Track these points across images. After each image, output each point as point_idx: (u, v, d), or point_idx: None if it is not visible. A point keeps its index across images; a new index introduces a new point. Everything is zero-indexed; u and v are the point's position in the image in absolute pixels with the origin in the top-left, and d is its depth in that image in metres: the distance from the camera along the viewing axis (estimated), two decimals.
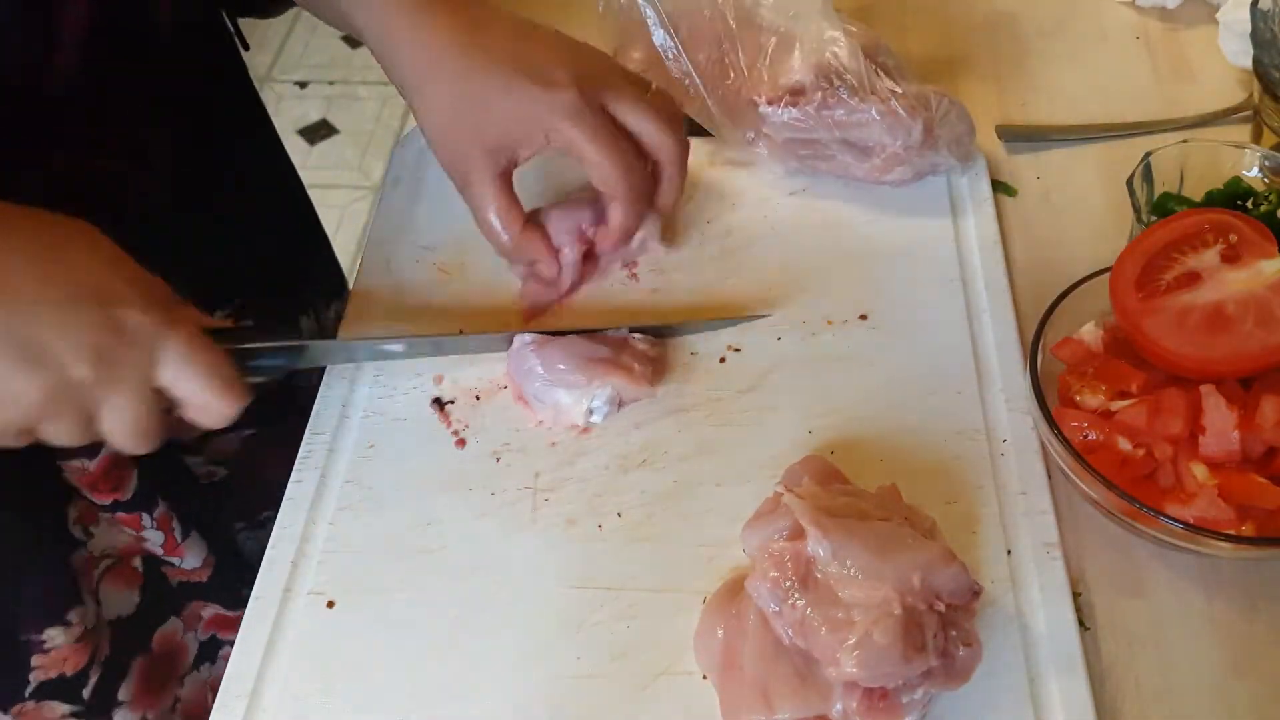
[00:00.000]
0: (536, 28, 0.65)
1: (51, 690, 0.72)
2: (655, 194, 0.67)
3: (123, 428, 0.51)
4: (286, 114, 2.38)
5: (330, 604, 0.57)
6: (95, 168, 0.64)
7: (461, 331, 0.67)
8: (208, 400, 0.53)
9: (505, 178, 0.64)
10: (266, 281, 0.79)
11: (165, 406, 0.53)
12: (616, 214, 0.65)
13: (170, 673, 0.80)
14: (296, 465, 0.62)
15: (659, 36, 0.74)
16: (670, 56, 0.74)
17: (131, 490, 0.71)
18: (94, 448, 0.66)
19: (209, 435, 0.78)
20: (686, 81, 0.77)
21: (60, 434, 0.50)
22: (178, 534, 0.76)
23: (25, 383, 0.48)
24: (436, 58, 0.63)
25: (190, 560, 0.78)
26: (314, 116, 2.37)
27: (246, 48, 0.77)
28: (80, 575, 0.72)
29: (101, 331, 0.49)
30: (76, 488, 0.70)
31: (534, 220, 0.67)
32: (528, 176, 0.70)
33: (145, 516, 0.73)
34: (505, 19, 0.65)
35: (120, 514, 0.72)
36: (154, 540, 0.75)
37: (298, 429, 0.64)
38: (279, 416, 0.70)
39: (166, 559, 0.77)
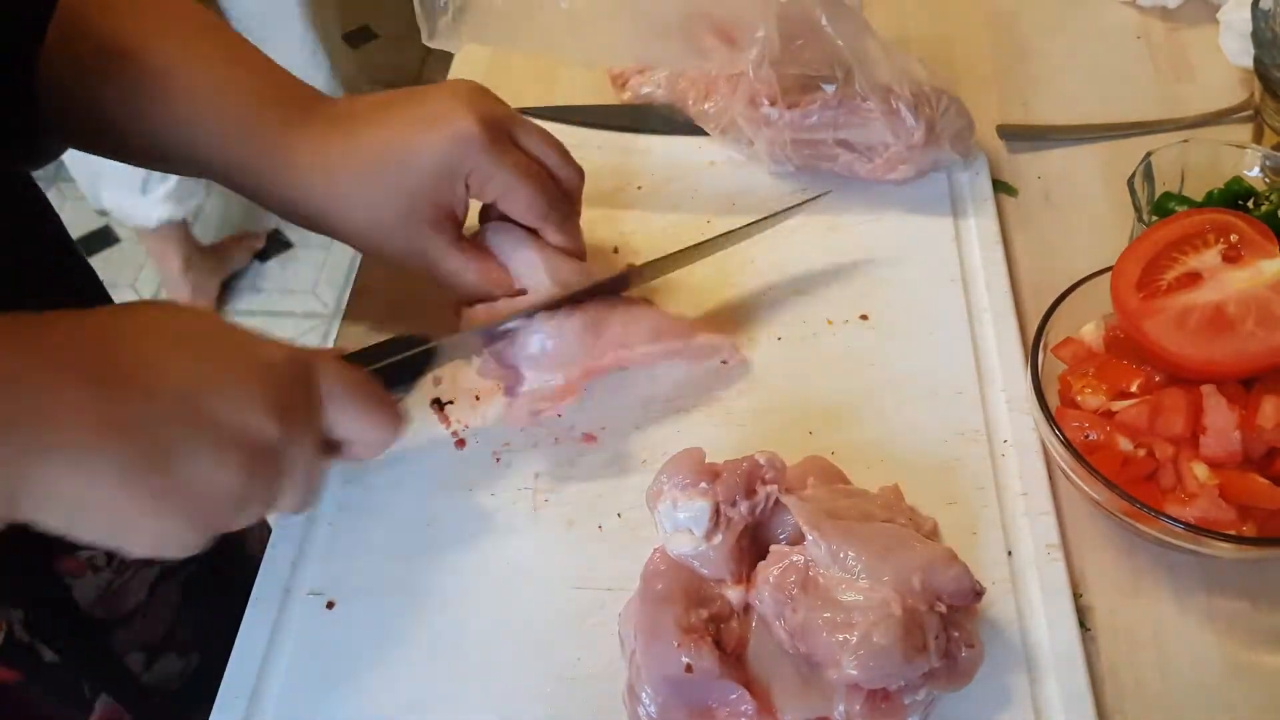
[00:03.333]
0: (411, 90, 0.62)
1: None
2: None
3: (304, 486, 0.48)
4: None
5: (330, 604, 0.57)
6: None
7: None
8: (372, 431, 0.51)
9: (459, 240, 0.62)
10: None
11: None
12: (554, 235, 0.63)
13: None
14: None
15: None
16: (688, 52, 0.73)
17: None
18: (82, 713, 0.62)
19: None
20: (684, 83, 0.77)
21: (248, 518, 0.46)
22: None
23: (224, 470, 0.44)
24: (321, 169, 0.59)
25: None
26: None
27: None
28: None
29: (269, 385, 0.46)
30: None
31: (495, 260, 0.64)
32: None
33: None
34: (369, 99, 0.62)
35: None
36: None
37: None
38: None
39: None
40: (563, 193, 0.63)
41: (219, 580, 0.70)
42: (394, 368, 0.57)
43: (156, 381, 0.43)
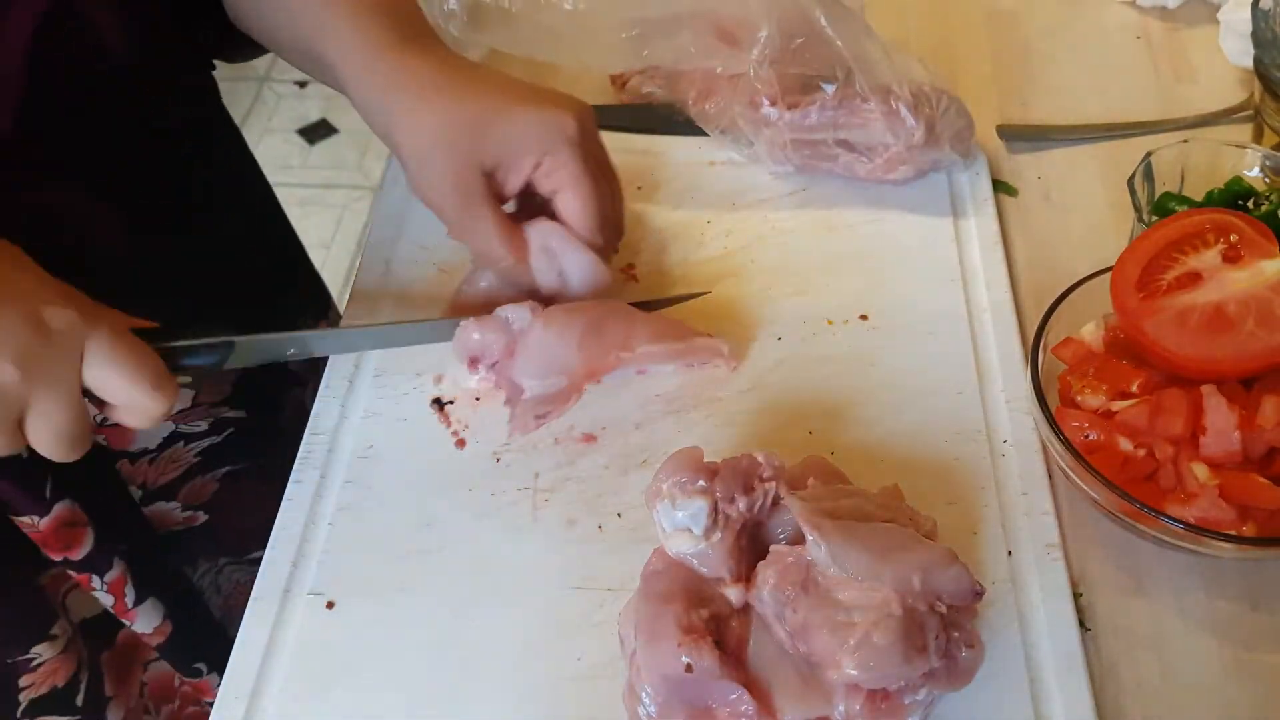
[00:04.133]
0: (525, 82, 0.64)
1: (45, 705, 0.71)
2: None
3: (50, 432, 0.50)
4: (286, 114, 2.38)
5: (330, 604, 0.57)
6: (46, 201, 0.62)
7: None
8: (135, 397, 0.52)
9: (499, 204, 0.63)
10: (245, 310, 0.73)
11: (93, 414, 0.51)
12: (574, 259, 0.64)
13: (134, 659, 0.79)
14: (296, 465, 0.62)
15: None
16: (690, 53, 0.73)
17: (84, 550, 0.68)
18: (43, 505, 0.64)
19: (187, 478, 0.76)
20: (684, 84, 0.77)
21: None
22: (130, 599, 0.72)
23: None
24: (426, 83, 0.61)
25: (142, 625, 0.75)
26: (314, 116, 2.37)
27: (213, 67, 0.75)
28: (51, 592, 0.71)
29: (25, 330, 0.48)
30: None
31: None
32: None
33: (96, 579, 0.70)
34: (484, 69, 0.64)
35: (70, 571, 0.69)
36: (105, 602, 0.72)
37: (282, 463, 0.63)
38: (258, 451, 0.67)
39: (119, 621, 0.75)
40: (611, 222, 0.65)
41: (238, 454, 0.75)
42: (187, 350, 0.56)
43: None
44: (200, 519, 0.78)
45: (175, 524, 0.78)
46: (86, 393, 0.51)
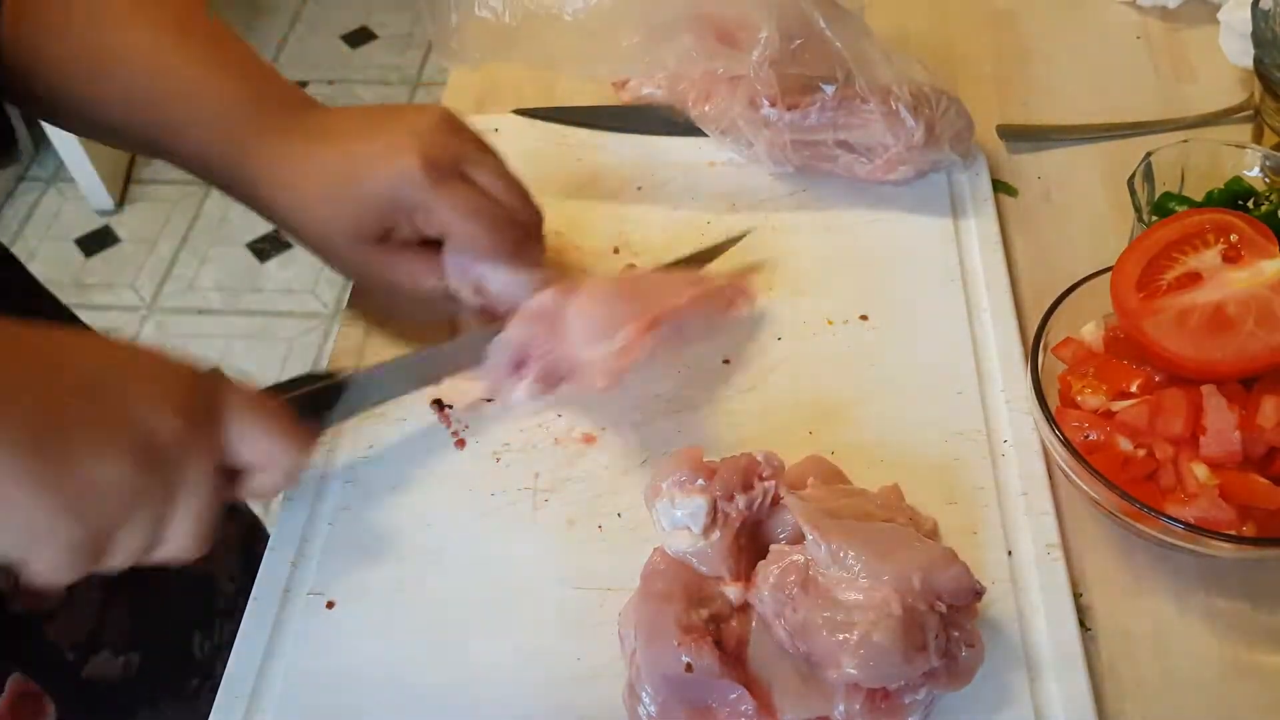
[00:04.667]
0: (387, 110, 0.62)
1: None
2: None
3: (197, 515, 0.46)
4: None
5: (330, 604, 0.57)
6: None
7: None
8: (282, 459, 0.49)
9: (401, 248, 0.61)
10: None
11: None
12: (498, 278, 0.61)
13: None
14: None
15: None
16: (689, 55, 0.73)
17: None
18: None
19: (104, 619, 0.68)
20: (684, 85, 0.77)
21: (135, 536, 0.44)
22: None
23: (117, 458, 0.42)
24: (296, 181, 0.59)
25: None
26: None
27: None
28: None
29: (176, 386, 0.45)
30: None
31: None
32: None
33: None
34: (346, 111, 0.62)
35: None
36: None
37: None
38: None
39: None
40: (518, 229, 0.61)
41: (138, 579, 0.65)
42: (307, 399, 0.56)
43: (60, 362, 0.43)
44: (135, 662, 0.70)
45: (115, 677, 0.69)
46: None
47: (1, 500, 0.40)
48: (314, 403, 0.56)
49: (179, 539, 0.46)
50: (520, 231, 0.61)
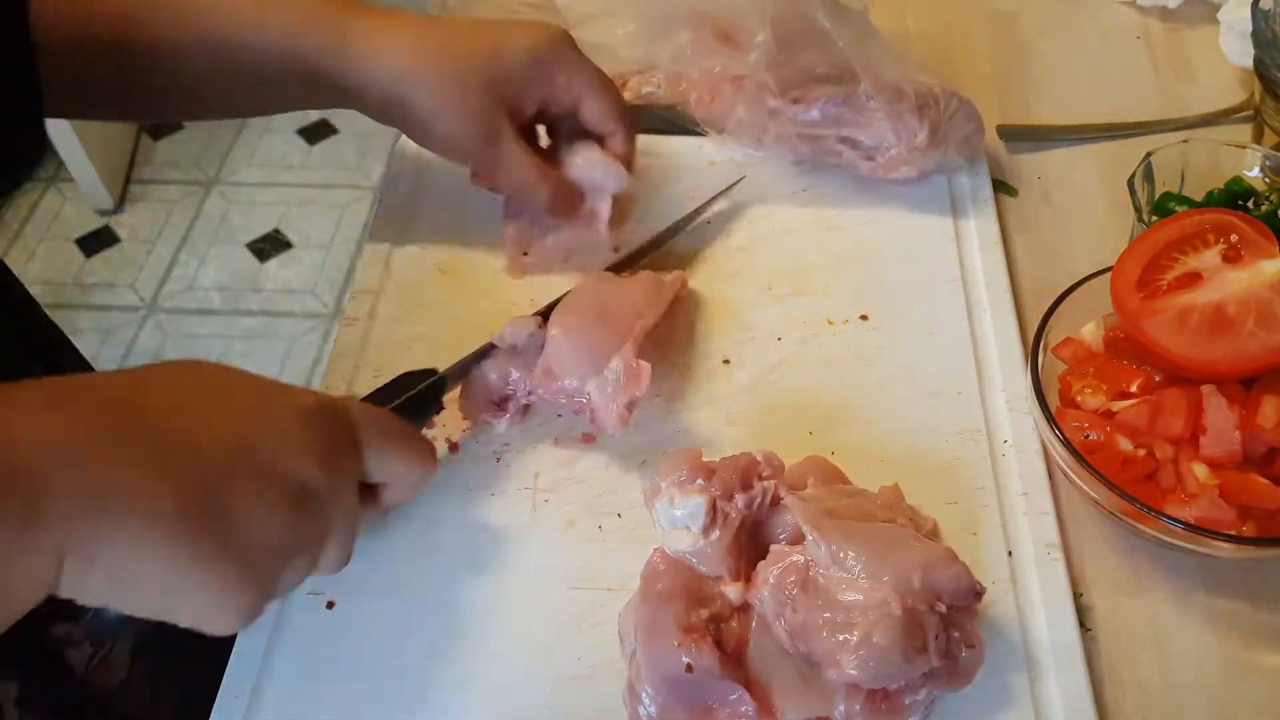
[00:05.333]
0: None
1: None
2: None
3: (346, 536, 0.47)
4: (286, 114, 2.37)
5: (330, 604, 0.57)
6: None
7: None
8: (412, 474, 0.51)
9: (524, 140, 0.65)
10: None
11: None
12: (620, 143, 0.67)
13: None
14: None
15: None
16: (688, 54, 0.74)
17: None
18: None
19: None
20: (684, 85, 0.77)
21: (296, 576, 0.45)
22: None
23: (274, 520, 0.42)
24: (416, 45, 0.61)
25: None
26: (314, 116, 2.37)
27: None
28: None
29: (310, 431, 0.45)
30: None
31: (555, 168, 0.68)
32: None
33: None
34: (452, 18, 0.66)
35: None
36: None
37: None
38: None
39: None
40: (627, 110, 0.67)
41: (190, 649, 0.64)
42: (413, 402, 0.57)
43: (201, 436, 0.42)
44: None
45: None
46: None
47: (171, 584, 0.40)
48: (421, 404, 0.58)
49: (330, 563, 0.47)
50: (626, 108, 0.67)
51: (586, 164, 0.68)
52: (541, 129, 0.70)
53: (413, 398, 0.57)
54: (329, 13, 0.61)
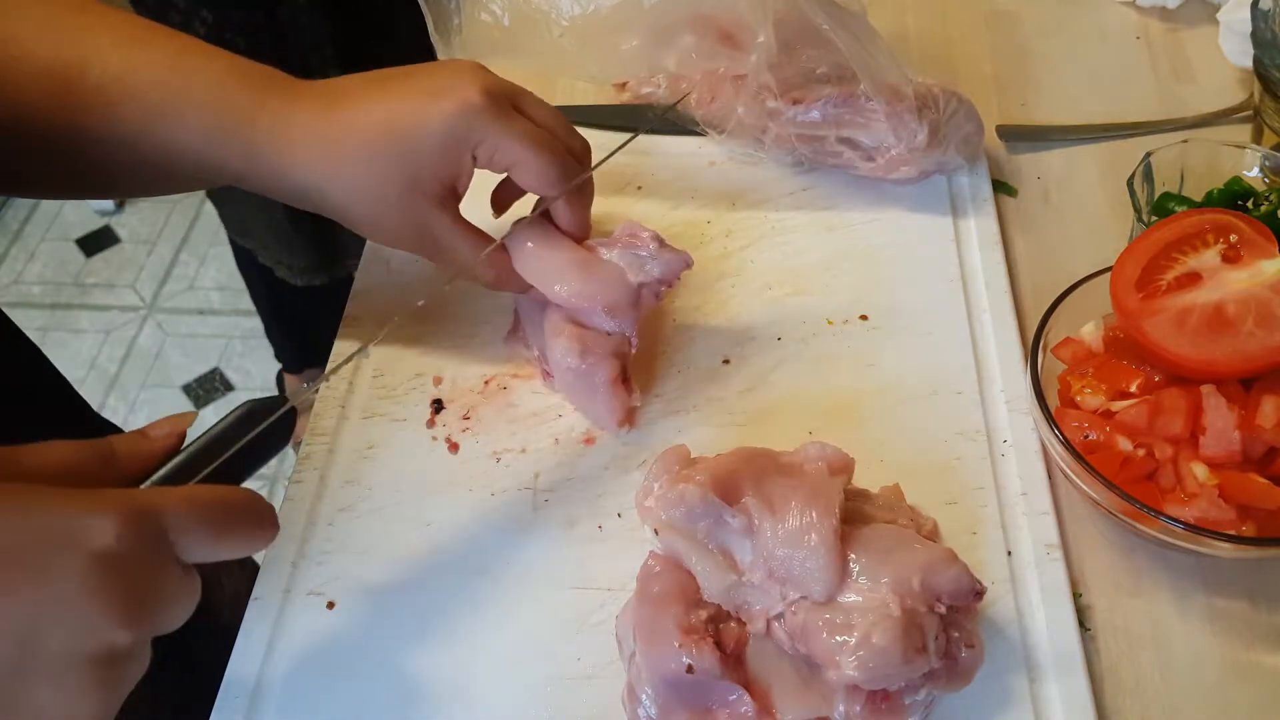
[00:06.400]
0: (406, 68, 0.59)
1: None
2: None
3: (177, 620, 0.40)
4: None
5: (330, 604, 0.57)
6: None
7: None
8: (239, 546, 0.42)
9: (460, 218, 0.60)
10: None
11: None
12: (564, 212, 0.61)
13: None
14: (296, 466, 0.62)
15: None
16: (693, 58, 0.74)
17: None
18: None
19: None
20: (684, 85, 0.77)
21: (133, 682, 0.39)
22: None
23: (81, 701, 0.36)
24: (321, 144, 0.56)
25: None
26: None
27: None
28: None
29: (108, 587, 0.36)
30: None
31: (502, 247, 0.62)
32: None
33: None
34: (361, 77, 0.59)
35: None
36: None
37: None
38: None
39: None
40: (573, 159, 0.60)
41: (191, 649, 0.60)
42: (259, 440, 0.47)
43: None
44: None
45: None
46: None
47: None
48: (265, 443, 0.47)
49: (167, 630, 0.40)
50: (574, 161, 0.60)
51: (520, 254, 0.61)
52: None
53: (259, 435, 0.47)
54: (235, 111, 0.56)
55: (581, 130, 0.62)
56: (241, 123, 0.56)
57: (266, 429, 0.47)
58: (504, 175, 0.62)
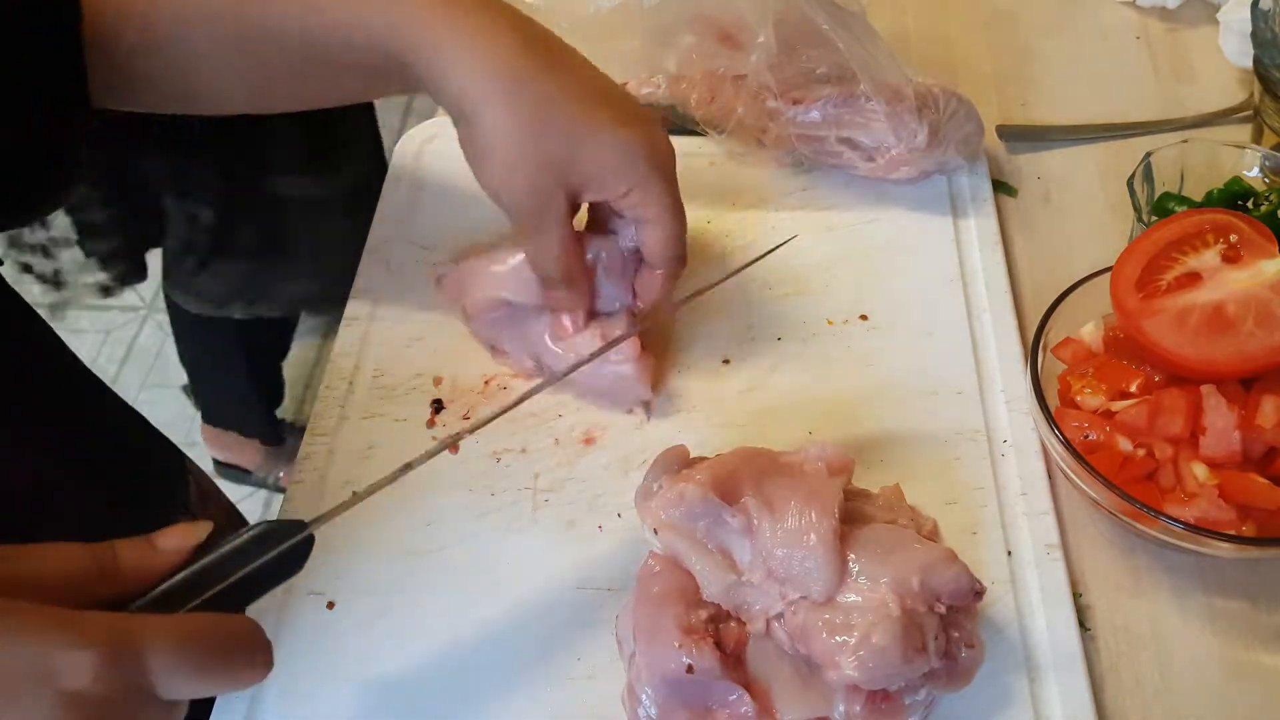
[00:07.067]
0: (597, 74, 0.59)
1: None
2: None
3: None
4: None
5: (330, 604, 0.57)
6: None
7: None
8: (231, 686, 0.40)
9: (571, 222, 0.59)
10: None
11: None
12: (657, 284, 0.61)
13: None
14: (296, 467, 0.62)
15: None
16: (693, 58, 0.74)
17: None
18: None
19: None
20: (685, 85, 0.77)
21: None
22: None
23: None
24: (506, 76, 0.55)
25: None
26: None
27: None
28: None
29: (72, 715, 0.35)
30: None
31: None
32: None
33: None
34: (567, 44, 0.58)
35: None
36: None
37: None
38: None
39: None
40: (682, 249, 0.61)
41: None
42: (272, 564, 0.43)
43: None
44: None
45: None
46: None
47: None
48: (279, 569, 0.44)
49: None
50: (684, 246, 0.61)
51: (608, 300, 0.63)
52: None
53: (272, 559, 0.43)
54: (421, 5, 0.55)
55: None
56: (426, 16, 0.55)
57: (281, 553, 0.43)
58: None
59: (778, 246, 0.66)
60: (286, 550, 0.43)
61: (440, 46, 0.55)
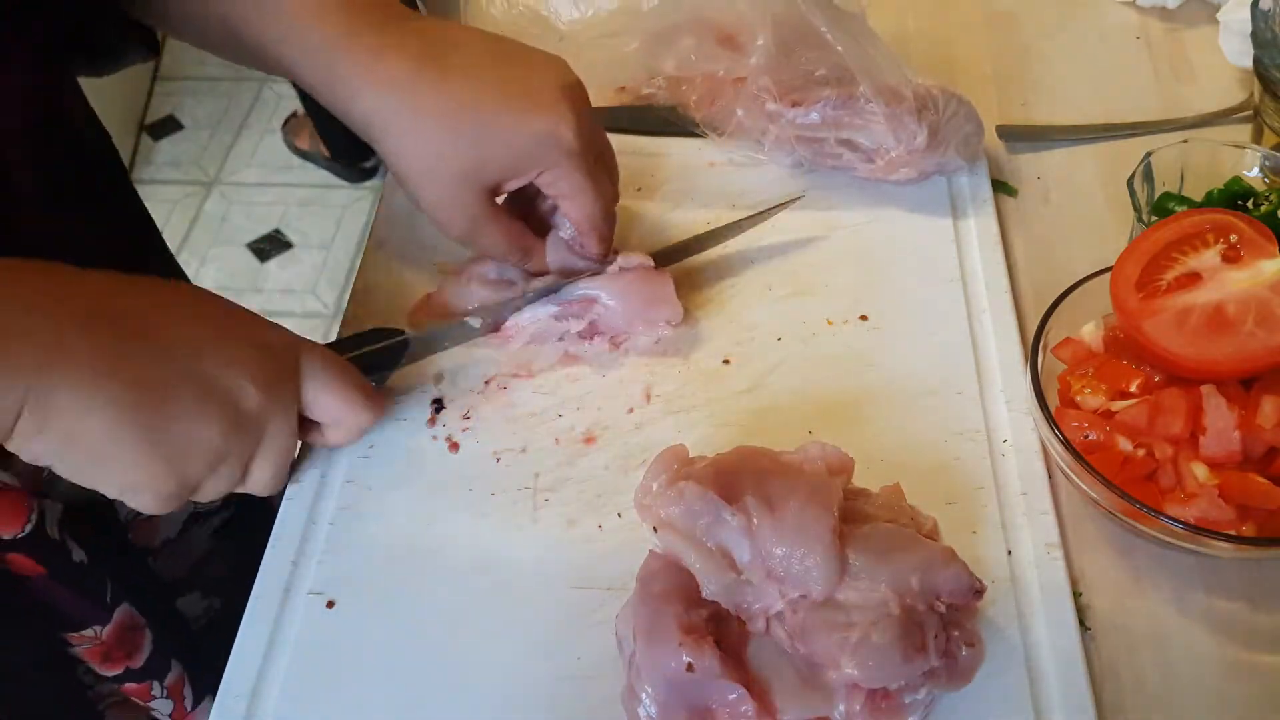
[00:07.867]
0: (513, 45, 0.62)
1: None
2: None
3: (277, 461, 0.52)
4: (287, 114, 2.38)
5: (330, 604, 0.57)
6: None
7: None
8: (348, 414, 0.56)
9: (500, 208, 0.64)
10: None
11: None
12: (593, 248, 0.65)
13: None
14: (296, 466, 0.62)
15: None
16: (692, 59, 0.74)
17: (145, 654, 0.64)
18: (105, 612, 0.61)
19: (204, 564, 0.73)
20: (685, 87, 0.77)
21: (220, 483, 0.50)
22: (189, 700, 0.68)
23: (207, 424, 0.48)
24: (405, 94, 0.58)
25: None
26: None
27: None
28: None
29: (258, 357, 0.50)
30: (82, 661, 0.63)
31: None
32: None
33: (156, 685, 0.66)
34: (475, 37, 0.61)
35: (129, 684, 0.64)
36: (162, 709, 0.67)
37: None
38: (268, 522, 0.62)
39: None
40: (608, 215, 0.66)
41: (245, 528, 0.73)
42: (373, 355, 0.61)
43: (158, 332, 0.48)
44: (216, 606, 0.74)
45: (198, 615, 0.74)
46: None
47: (106, 455, 0.46)
48: (380, 359, 0.62)
49: (259, 481, 0.52)
50: (611, 210, 0.65)
51: (559, 259, 0.67)
52: None
53: (373, 352, 0.61)
54: (327, 27, 0.58)
55: None
56: (329, 44, 0.58)
57: (380, 349, 0.62)
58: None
59: (783, 205, 0.70)
60: (387, 347, 0.62)
61: (340, 77, 0.59)
